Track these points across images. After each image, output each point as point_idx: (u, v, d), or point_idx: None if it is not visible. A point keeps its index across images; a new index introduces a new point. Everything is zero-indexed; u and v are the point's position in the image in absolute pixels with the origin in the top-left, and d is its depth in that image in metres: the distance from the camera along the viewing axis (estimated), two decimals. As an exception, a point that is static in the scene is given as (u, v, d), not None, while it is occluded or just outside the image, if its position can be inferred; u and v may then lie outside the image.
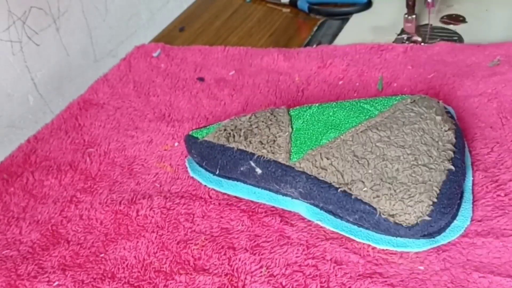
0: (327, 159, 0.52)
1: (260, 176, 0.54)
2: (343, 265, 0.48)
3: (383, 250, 0.49)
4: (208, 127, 0.59)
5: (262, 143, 0.54)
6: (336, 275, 0.48)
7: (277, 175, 0.53)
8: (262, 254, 0.50)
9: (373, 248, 0.49)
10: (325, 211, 0.52)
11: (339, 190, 0.50)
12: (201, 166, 0.59)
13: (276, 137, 0.55)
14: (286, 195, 0.54)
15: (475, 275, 0.46)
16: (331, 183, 0.50)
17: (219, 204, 0.56)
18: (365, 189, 0.49)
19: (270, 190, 0.55)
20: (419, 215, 0.47)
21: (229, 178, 0.57)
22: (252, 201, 0.56)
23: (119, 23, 0.86)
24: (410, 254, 0.48)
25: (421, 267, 0.47)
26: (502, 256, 0.47)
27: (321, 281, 0.47)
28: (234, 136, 0.56)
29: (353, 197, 0.49)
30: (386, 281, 0.46)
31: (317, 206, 0.52)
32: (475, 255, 0.47)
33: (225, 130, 0.57)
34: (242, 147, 0.55)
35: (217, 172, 0.57)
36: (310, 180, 0.51)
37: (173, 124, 0.68)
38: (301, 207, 0.53)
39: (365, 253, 0.49)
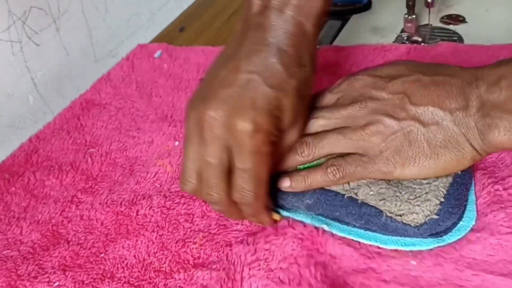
0: None
1: None
2: (337, 259, 0.48)
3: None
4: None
5: None
6: (332, 268, 0.47)
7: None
8: (259, 249, 0.50)
9: None
10: (331, 219, 0.51)
11: (345, 196, 0.50)
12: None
13: None
14: (289, 210, 0.53)
15: (468, 273, 0.45)
16: (337, 192, 0.50)
17: (219, 204, 0.56)
18: (371, 193, 0.49)
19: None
20: (427, 213, 0.46)
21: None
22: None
23: (119, 23, 0.86)
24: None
25: (413, 262, 0.47)
26: (496, 254, 0.46)
27: (316, 274, 0.47)
28: None
29: (359, 201, 0.49)
30: (379, 277, 0.46)
31: (322, 215, 0.51)
32: (469, 250, 0.47)
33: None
34: None
35: None
36: (317, 190, 0.51)
37: (175, 125, 0.68)
38: (306, 218, 0.52)
39: (358, 246, 0.49)
